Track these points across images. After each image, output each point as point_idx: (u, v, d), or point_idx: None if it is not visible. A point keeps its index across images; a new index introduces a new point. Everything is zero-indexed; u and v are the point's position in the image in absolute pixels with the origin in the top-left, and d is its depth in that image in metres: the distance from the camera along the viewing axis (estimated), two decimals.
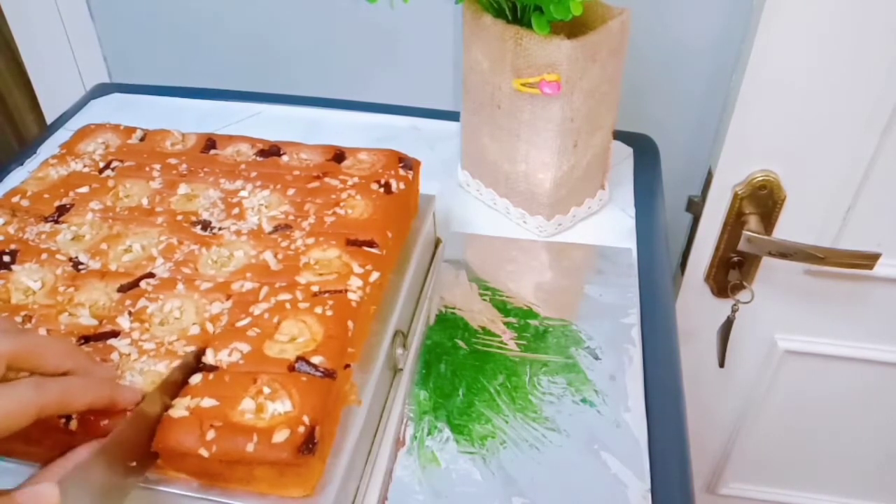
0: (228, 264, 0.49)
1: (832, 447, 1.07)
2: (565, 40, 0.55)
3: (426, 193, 0.61)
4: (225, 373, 0.41)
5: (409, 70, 0.89)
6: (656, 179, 0.74)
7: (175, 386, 0.40)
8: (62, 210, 0.53)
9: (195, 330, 0.44)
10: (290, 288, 0.46)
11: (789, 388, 1.00)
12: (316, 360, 0.41)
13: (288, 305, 0.45)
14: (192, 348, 0.43)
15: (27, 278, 0.47)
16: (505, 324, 0.56)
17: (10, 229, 0.51)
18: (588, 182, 0.67)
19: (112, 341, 0.43)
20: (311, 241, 0.49)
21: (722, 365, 0.95)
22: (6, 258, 0.49)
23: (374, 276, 0.47)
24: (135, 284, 0.47)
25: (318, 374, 0.41)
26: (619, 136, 0.76)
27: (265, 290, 0.46)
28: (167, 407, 0.39)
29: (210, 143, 0.60)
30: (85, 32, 0.95)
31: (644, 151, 0.77)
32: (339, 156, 0.58)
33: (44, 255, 0.49)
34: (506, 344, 0.54)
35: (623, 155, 0.76)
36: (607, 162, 0.68)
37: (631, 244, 0.65)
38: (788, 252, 0.82)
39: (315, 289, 0.46)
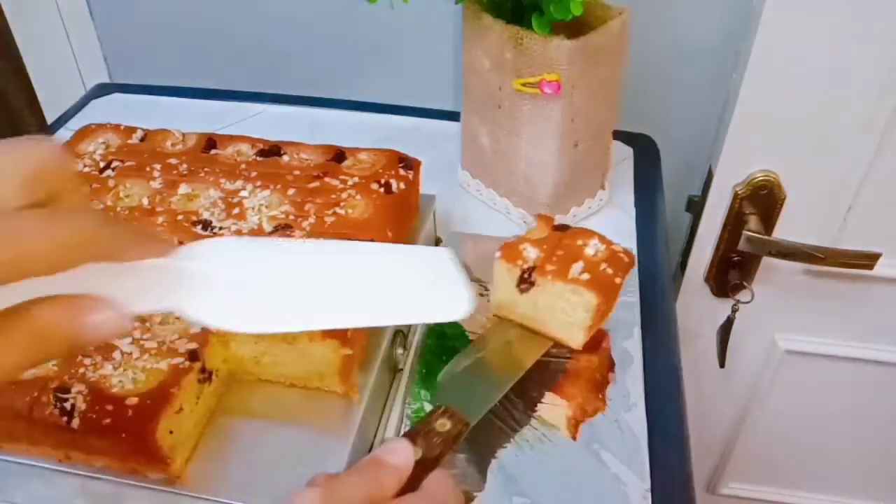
0: None
1: (832, 447, 1.07)
2: (565, 40, 0.55)
3: (426, 193, 0.61)
4: None
5: (409, 70, 0.89)
6: (656, 179, 0.74)
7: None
8: None
9: (196, 328, 0.44)
10: None
11: (789, 388, 1.00)
12: None
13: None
14: (193, 346, 0.43)
15: None
16: None
17: None
18: (588, 182, 0.67)
19: (114, 340, 0.43)
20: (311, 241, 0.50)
21: (722, 365, 0.95)
22: None
23: None
24: None
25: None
26: (619, 136, 0.76)
27: None
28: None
29: (210, 143, 0.60)
30: (85, 32, 0.95)
31: (644, 151, 0.77)
32: (339, 156, 0.58)
33: None
34: None
35: (623, 155, 0.76)
36: (607, 162, 0.68)
37: (631, 244, 0.65)
38: (788, 252, 0.82)
39: None
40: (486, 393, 0.45)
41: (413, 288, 0.31)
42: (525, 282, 0.50)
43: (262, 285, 0.27)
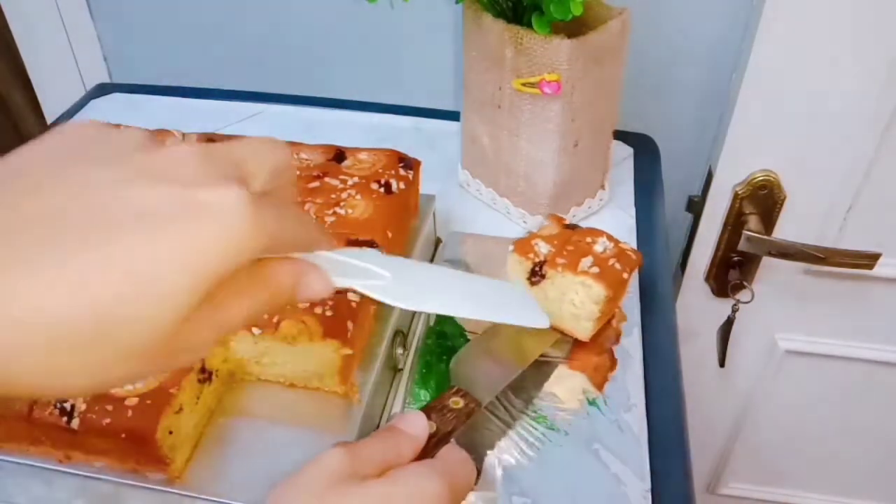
0: None
1: (832, 447, 1.07)
2: (565, 40, 0.55)
3: (426, 193, 0.61)
4: None
5: (409, 70, 0.89)
6: (656, 179, 0.74)
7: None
8: None
9: None
10: None
11: (789, 388, 1.00)
12: None
13: (287, 305, 0.45)
14: None
15: None
16: None
17: None
18: (588, 182, 0.67)
19: None
20: None
21: (722, 365, 0.95)
22: None
23: None
24: None
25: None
26: (619, 136, 0.76)
27: None
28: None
29: (210, 142, 0.60)
30: (85, 32, 0.95)
31: (644, 151, 0.77)
32: (339, 156, 0.58)
33: None
34: None
35: (623, 155, 0.76)
36: (607, 162, 0.68)
37: (631, 244, 0.65)
38: (788, 252, 0.82)
39: None
40: (497, 377, 0.47)
41: (507, 301, 0.42)
42: (536, 275, 0.51)
43: (407, 281, 0.33)
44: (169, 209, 0.24)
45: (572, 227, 0.55)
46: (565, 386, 0.51)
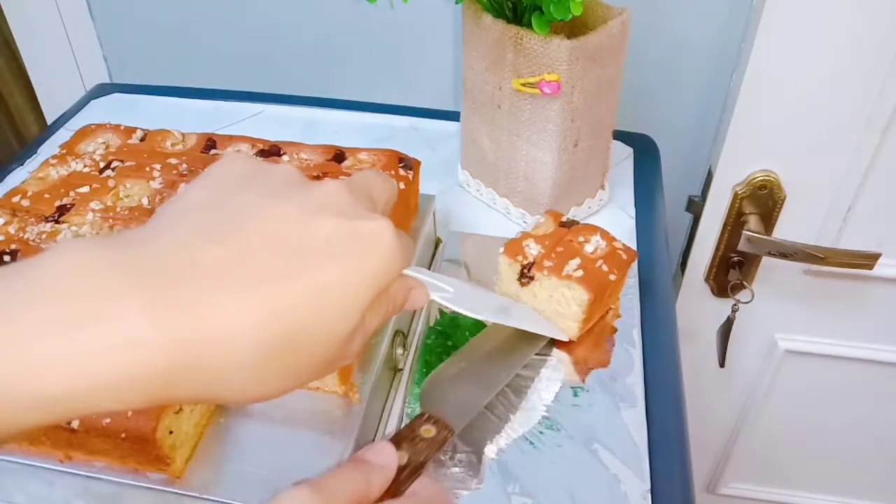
0: None
1: (832, 447, 1.08)
2: (565, 40, 0.55)
3: (426, 193, 0.61)
4: None
5: (409, 70, 0.89)
6: (656, 179, 0.74)
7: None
8: (63, 210, 0.53)
9: None
10: None
11: (789, 388, 1.00)
12: None
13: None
14: None
15: None
16: None
17: (11, 229, 0.51)
18: (588, 182, 0.67)
19: None
20: None
21: (722, 365, 0.95)
22: (7, 258, 0.49)
23: None
24: None
25: None
26: (619, 136, 0.76)
27: None
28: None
29: (210, 143, 0.60)
30: (85, 32, 0.95)
31: (644, 151, 0.77)
32: (339, 156, 0.58)
33: None
34: None
35: (623, 155, 0.76)
36: (607, 162, 0.68)
37: (631, 244, 0.65)
38: (788, 252, 0.82)
39: None
40: (473, 398, 0.46)
41: (533, 316, 0.52)
42: (525, 276, 0.52)
43: (465, 295, 0.39)
44: (340, 239, 0.28)
45: (569, 223, 0.55)
46: (562, 382, 0.51)
